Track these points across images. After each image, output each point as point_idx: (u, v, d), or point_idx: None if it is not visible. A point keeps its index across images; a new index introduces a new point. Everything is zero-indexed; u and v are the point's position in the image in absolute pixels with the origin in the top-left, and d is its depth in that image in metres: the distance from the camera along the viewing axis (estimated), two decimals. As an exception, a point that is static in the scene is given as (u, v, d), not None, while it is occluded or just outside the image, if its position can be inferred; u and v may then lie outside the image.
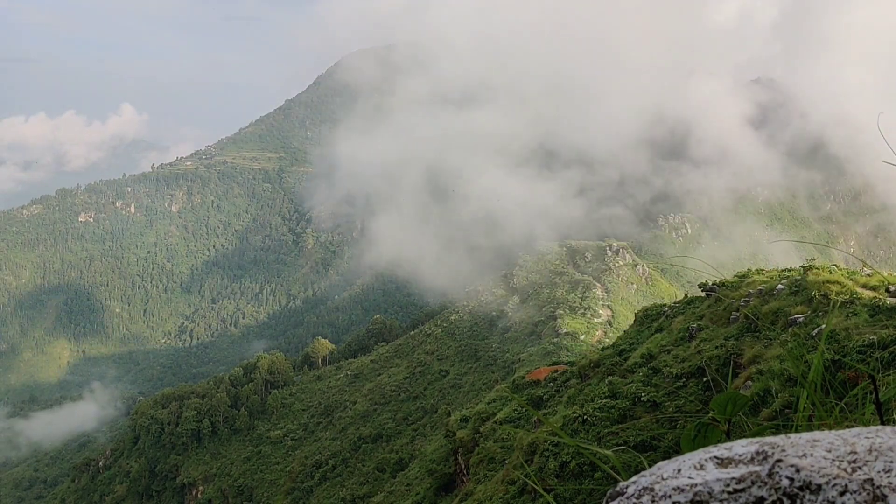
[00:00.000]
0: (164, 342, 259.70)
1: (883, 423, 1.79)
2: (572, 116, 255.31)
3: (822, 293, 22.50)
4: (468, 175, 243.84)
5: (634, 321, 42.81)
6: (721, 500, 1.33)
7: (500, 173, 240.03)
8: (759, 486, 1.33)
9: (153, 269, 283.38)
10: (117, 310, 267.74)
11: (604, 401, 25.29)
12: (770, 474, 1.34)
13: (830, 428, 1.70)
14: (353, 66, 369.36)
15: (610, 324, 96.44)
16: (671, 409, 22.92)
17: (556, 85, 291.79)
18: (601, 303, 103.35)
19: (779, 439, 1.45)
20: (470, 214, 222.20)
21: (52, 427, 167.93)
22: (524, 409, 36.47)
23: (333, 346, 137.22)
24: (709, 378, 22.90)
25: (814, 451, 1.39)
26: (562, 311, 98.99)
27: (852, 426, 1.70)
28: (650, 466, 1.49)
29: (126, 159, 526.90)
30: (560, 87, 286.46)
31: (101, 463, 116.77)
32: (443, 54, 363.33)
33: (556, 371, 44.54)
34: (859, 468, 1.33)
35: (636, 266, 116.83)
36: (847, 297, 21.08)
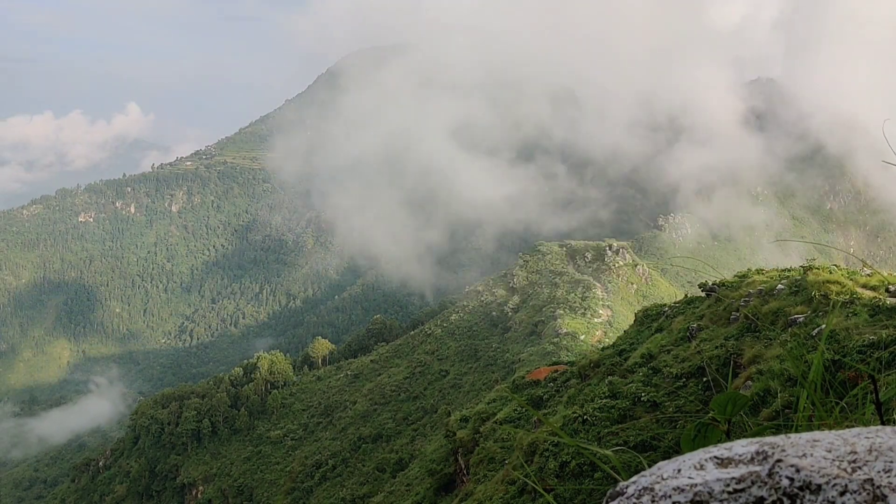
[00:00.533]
0: (164, 342, 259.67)
1: (883, 423, 1.78)
2: (568, 115, 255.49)
3: (822, 293, 22.49)
4: (466, 174, 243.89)
5: (634, 321, 42.79)
6: (721, 500, 1.33)
7: (494, 171, 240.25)
8: (759, 486, 1.33)
9: (153, 269, 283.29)
10: (117, 310, 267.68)
11: (604, 401, 25.29)
12: (770, 474, 1.34)
13: (830, 428, 1.70)
14: (354, 66, 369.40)
15: (610, 324, 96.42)
16: (671, 409, 22.91)
17: (555, 84, 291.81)
18: (601, 303, 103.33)
19: (779, 439, 1.45)
20: (463, 213, 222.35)
21: (63, 424, 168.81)
22: (524, 409, 36.48)
23: (333, 346, 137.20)
24: (709, 378, 22.90)
25: (814, 451, 1.39)
26: (562, 311, 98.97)
27: (852, 426, 1.70)
28: (650, 466, 1.49)
29: (127, 159, 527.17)
30: (558, 86, 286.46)
31: (101, 463, 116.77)
32: (442, 52, 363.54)
33: (556, 371, 44.52)
34: (859, 468, 1.33)
35: (636, 266, 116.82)
36: (847, 297, 21.07)
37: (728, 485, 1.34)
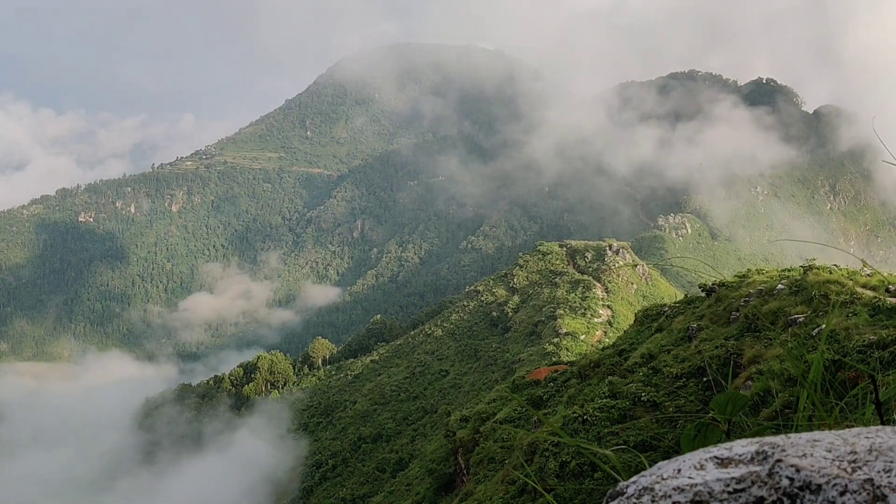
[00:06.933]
0: (164, 342, 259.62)
1: (883, 423, 1.78)
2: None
3: (822, 293, 22.48)
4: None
5: (634, 321, 42.77)
6: (721, 500, 1.33)
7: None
8: (759, 486, 1.33)
9: (153, 269, 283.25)
10: (117, 310, 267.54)
11: (604, 401, 25.28)
12: (770, 474, 1.34)
13: (830, 428, 1.71)
14: (354, 66, 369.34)
15: (610, 324, 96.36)
16: (671, 409, 22.90)
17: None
18: (601, 303, 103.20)
19: (779, 439, 1.45)
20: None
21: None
22: (524, 409, 36.50)
23: (333, 346, 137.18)
24: (709, 378, 22.89)
25: (814, 451, 1.39)
26: (562, 311, 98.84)
27: (852, 426, 1.69)
28: (650, 466, 1.49)
29: (128, 159, 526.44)
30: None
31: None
32: (441, 51, 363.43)
33: (556, 371, 44.54)
34: (859, 468, 1.33)
35: (636, 266, 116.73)
36: (847, 297, 21.05)
37: (728, 485, 1.34)
